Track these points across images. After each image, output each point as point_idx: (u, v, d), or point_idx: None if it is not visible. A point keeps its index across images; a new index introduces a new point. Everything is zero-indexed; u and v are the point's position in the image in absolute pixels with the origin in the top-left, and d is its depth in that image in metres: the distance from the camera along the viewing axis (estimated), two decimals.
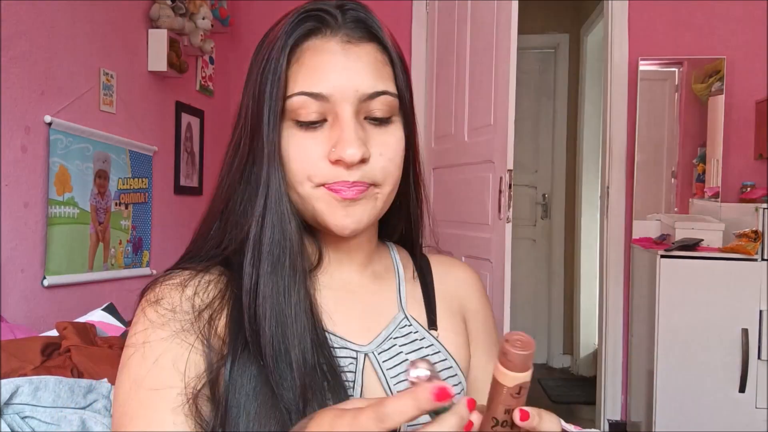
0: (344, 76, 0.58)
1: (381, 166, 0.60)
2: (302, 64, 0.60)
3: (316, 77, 0.58)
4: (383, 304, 0.69)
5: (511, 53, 2.09)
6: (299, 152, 0.59)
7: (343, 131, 0.58)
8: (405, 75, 0.64)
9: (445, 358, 0.67)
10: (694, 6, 2.81)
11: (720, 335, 2.29)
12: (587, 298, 3.93)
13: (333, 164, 0.58)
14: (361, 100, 0.59)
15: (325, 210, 0.60)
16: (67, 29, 1.92)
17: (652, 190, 2.88)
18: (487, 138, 2.30)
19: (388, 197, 0.64)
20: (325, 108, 0.59)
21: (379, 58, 0.61)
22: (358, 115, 0.59)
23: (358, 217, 0.60)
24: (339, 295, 0.66)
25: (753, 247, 2.27)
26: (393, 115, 0.62)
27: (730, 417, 2.28)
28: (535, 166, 4.31)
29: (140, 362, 0.56)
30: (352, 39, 0.60)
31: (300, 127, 0.60)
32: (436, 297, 0.73)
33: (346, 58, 0.59)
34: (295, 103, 0.59)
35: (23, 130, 1.74)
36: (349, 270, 0.68)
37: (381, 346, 0.65)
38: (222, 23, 2.84)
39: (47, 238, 1.81)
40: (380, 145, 0.61)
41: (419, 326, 0.68)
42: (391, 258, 0.74)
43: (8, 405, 1.01)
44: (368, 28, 0.61)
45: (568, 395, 3.57)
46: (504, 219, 2.14)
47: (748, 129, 2.77)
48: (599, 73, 3.61)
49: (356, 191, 0.59)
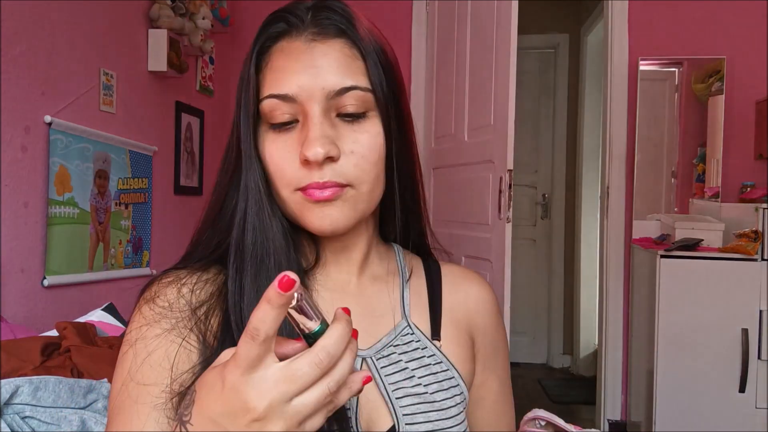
0: (309, 75, 0.58)
1: (353, 163, 0.59)
2: (271, 67, 0.60)
3: (282, 79, 0.58)
4: (383, 309, 0.67)
5: (511, 53, 2.09)
6: (274, 155, 0.59)
7: (309, 130, 0.57)
8: (384, 68, 0.61)
9: (447, 369, 0.66)
10: (694, 6, 2.81)
11: (720, 335, 2.29)
12: (587, 298, 3.93)
13: (302, 165, 0.58)
14: (329, 97, 0.58)
15: (303, 213, 0.60)
16: (67, 29, 1.92)
17: (652, 190, 2.88)
18: (487, 138, 2.30)
19: (368, 197, 0.61)
20: (295, 109, 0.58)
21: (347, 52, 0.59)
22: (328, 113, 0.58)
23: (335, 218, 0.59)
24: (336, 297, 0.66)
25: (753, 247, 2.27)
26: (368, 110, 0.60)
27: (730, 417, 2.28)
28: (535, 166, 4.31)
29: (132, 358, 0.57)
30: (317, 37, 0.59)
31: (274, 130, 0.60)
32: (443, 307, 0.70)
33: (311, 57, 0.58)
34: (266, 107, 0.59)
35: (23, 130, 1.74)
36: (347, 271, 0.67)
37: (380, 352, 0.64)
38: (222, 23, 2.84)
39: (47, 238, 1.81)
40: (352, 142, 0.59)
41: (422, 335, 0.67)
42: (396, 261, 0.72)
43: (8, 405, 1.01)
44: (335, 24, 0.60)
45: (568, 395, 3.57)
46: (504, 219, 2.14)
47: (748, 129, 2.77)
48: (599, 73, 3.61)
49: (329, 192, 0.58)
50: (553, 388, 3.67)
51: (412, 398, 0.62)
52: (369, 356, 0.63)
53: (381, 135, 0.61)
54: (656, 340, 2.35)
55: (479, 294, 0.74)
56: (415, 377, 0.63)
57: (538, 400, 3.47)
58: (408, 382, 0.63)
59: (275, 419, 0.41)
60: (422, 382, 0.63)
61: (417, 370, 0.64)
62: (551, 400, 3.47)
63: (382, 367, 0.63)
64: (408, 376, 0.63)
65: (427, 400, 0.62)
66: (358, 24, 0.61)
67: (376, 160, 0.61)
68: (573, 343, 4.11)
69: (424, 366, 0.64)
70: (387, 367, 0.63)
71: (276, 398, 0.41)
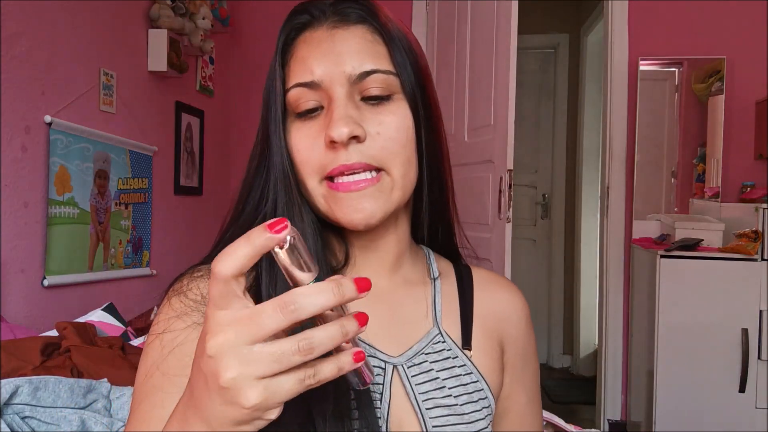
0: (331, 61, 0.58)
1: (381, 145, 0.58)
2: (296, 57, 0.60)
3: (306, 67, 0.59)
4: (415, 315, 0.65)
5: (511, 53, 2.09)
6: (299, 143, 0.59)
7: (332, 112, 0.57)
8: (408, 53, 0.61)
9: (477, 380, 0.64)
10: (694, 6, 2.81)
11: (720, 335, 2.29)
12: (587, 298, 3.93)
13: (328, 149, 0.57)
14: (352, 81, 0.58)
15: (331, 206, 0.59)
16: (67, 29, 1.92)
17: (652, 190, 2.88)
18: (487, 138, 2.30)
19: (403, 182, 0.60)
20: (320, 95, 0.59)
21: (369, 38, 0.60)
22: (351, 97, 0.58)
23: (368, 209, 0.58)
24: (366, 300, 0.62)
25: (753, 247, 2.27)
26: (393, 93, 0.60)
27: (730, 417, 2.28)
28: (535, 166, 4.31)
29: (159, 349, 0.56)
30: (339, 24, 0.60)
31: (300, 118, 0.60)
32: (474, 314, 0.68)
33: (332, 43, 0.59)
34: (292, 96, 0.59)
35: (23, 130, 1.74)
36: (377, 273, 0.65)
37: (412, 360, 0.62)
38: (222, 23, 2.84)
39: (47, 238, 1.81)
40: (377, 123, 0.58)
41: (453, 343, 0.65)
42: (427, 264, 0.70)
43: (8, 405, 1.01)
44: (356, 12, 0.61)
45: (568, 395, 3.57)
46: (504, 219, 2.14)
47: (748, 129, 2.77)
48: (599, 73, 3.61)
49: (364, 184, 0.57)
50: (553, 388, 3.67)
51: (441, 410, 0.60)
52: (400, 364, 0.61)
53: (409, 118, 0.60)
54: (656, 340, 2.35)
55: (511, 301, 0.72)
56: (446, 388, 0.62)
57: None
58: (438, 393, 0.61)
59: (227, 360, 0.36)
60: (452, 393, 0.62)
61: (447, 380, 0.62)
62: (551, 400, 3.47)
63: (413, 376, 0.61)
64: (439, 386, 0.61)
65: (456, 412, 0.61)
66: (380, 12, 0.61)
67: (405, 142, 0.59)
68: (573, 343, 4.11)
69: (454, 376, 0.63)
70: (418, 376, 0.61)
71: (230, 338, 0.37)
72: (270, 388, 0.37)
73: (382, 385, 0.59)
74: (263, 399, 0.37)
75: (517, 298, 0.72)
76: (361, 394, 0.55)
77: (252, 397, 0.37)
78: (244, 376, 0.36)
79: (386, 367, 0.60)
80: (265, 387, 0.37)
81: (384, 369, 0.60)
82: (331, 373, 0.39)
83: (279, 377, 0.37)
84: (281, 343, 0.37)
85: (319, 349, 0.38)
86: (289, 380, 0.37)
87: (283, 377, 0.37)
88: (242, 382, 0.36)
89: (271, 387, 0.37)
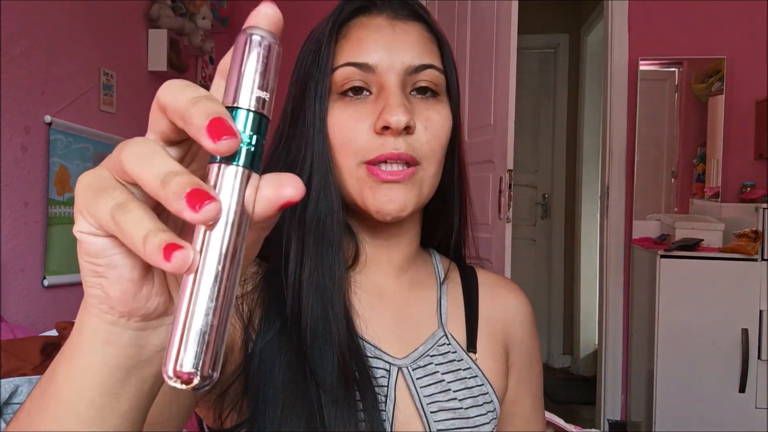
0: (391, 48, 0.58)
1: (425, 140, 0.58)
2: (349, 38, 0.60)
3: (362, 48, 0.58)
4: (420, 316, 0.65)
5: (511, 53, 2.09)
6: (344, 123, 0.58)
7: (389, 98, 0.56)
8: (453, 61, 0.63)
9: (482, 383, 0.63)
10: (694, 6, 2.81)
11: (720, 335, 2.29)
12: (587, 298, 3.93)
13: (378, 134, 0.57)
14: (407, 72, 0.58)
15: (363, 191, 0.58)
16: (67, 29, 1.92)
17: (652, 190, 2.88)
18: (487, 138, 2.30)
19: (432, 181, 0.60)
20: (370, 79, 0.58)
21: (426, 35, 0.61)
22: (404, 88, 0.58)
23: (402, 201, 0.57)
24: (372, 300, 0.63)
25: (753, 247, 2.27)
26: (440, 93, 0.61)
27: (730, 417, 2.28)
28: (535, 166, 4.31)
29: None
30: (399, 16, 0.61)
31: (345, 98, 0.59)
32: (480, 317, 0.68)
33: (393, 32, 0.59)
34: (340, 75, 0.58)
35: (23, 130, 1.74)
36: (385, 273, 0.65)
37: (417, 362, 0.61)
38: (222, 23, 2.84)
39: (47, 238, 1.81)
40: (425, 119, 0.59)
41: (458, 346, 0.64)
42: (433, 266, 0.70)
43: (8, 405, 1.01)
44: (414, 9, 0.62)
45: (568, 395, 3.57)
46: (504, 219, 2.14)
47: (748, 129, 2.77)
48: (599, 73, 3.61)
49: (401, 175, 0.57)
50: (553, 388, 3.67)
51: (446, 413, 0.60)
52: (405, 366, 0.61)
53: (450, 120, 0.61)
54: (656, 340, 2.35)
55: (517, 304, 0.71)
56: (451, 391, 0.61)
57: None
58: (443, 396, 0.61)
59: None
60: (457, 396, 0.61)
61: (452, 384, 0.62)
62: (551, 400, 3.47)
63: (417, 378, 0.60)
64: (444, 389, 0.61)
65: (461, 416, 0.61)
66: (431, 15, 0.63)
67: (444, 143, 0.60)
68: (573, 343, 4.11)
69: (459, 379, 0.62)
70: (423, 378, 0.61)
71: None
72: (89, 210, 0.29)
73: (386, 387, 0.58)
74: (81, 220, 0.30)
75: (522, 301, 0.72)
76: (366, 395, 0.54)
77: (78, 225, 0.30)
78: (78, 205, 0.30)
79: (391, 369, 0.60)
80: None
81: (389, 371, 0.59)
82: (133, 223, 0.28)
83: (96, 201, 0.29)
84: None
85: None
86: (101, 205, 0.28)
87: (101, 201, 0.28)
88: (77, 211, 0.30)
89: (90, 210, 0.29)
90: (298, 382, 0.53)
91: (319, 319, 0.55)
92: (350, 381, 0.54)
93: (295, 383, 0.53)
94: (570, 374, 4.07)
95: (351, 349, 0.56)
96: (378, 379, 0.58)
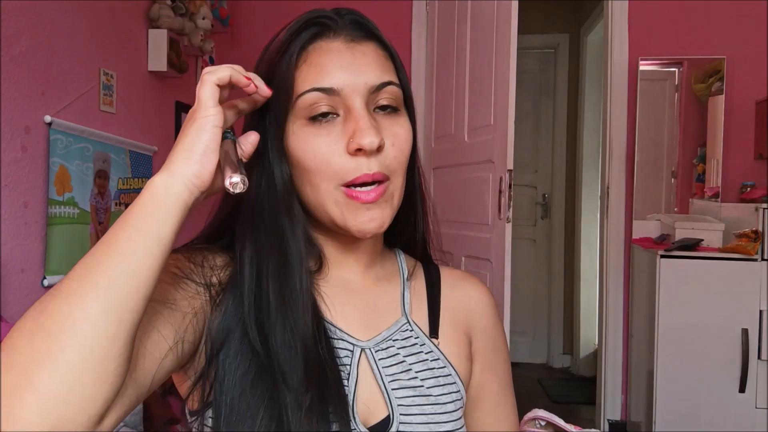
0: (353, 71, 0.61)
1: (393, 155, 0.62)
2: (310, 63, 0.62)
3: (326, 73, 0.61)
4: (386, 307, 0.69)
5: (511, 53, 2.09)
6: (317, 148, 0.61)
7: (359, 121, 0.59)
8: (404, 71, 0.67)
9: (444, 366, 0.67)
10: (694, 6, 2.81)
11: (720, 335, 2.29)
12: (587, 298, 3.93)
13: (352, 156, 0.60)
14: (370, 91, 0.61)
15: (344, 214, 0.61)
16: (67, 29, 1.92)
17: (652, 190, 2.88)
18: (487, 138, 2.30)
19: (401, 191, 0.65)
20: (336, 102, 0.61)
21: (381, 53, 0.64)
22: (368, 107, 0.62)
23: (380, 219, 0.62)
24: (339, 293, 0.67)
25: (753, 247, 2.27)
26: (399, 107, 0.65)
27: (730, 417, 2.28)
28: (535, 166, 4.31)
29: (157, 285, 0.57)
30: (355, 38, 0.64)
31: (313, 123, 0.61)
32: (441, 307, 0.72)
33: (352, 55, 0.62)
34: (307, 100, 0.61)
35: (23, 130, 1.74)
36: (352, 271, 0.70)
37: (379, 344, 0.66)
38: (222, 23, 2.84)
39: (47, 238, 1.81)
40: (391, 135, 0.62)
41: (420, 332, 0.69)
42: (397, 263, 0.75)
43: None
44: (367, 29, 0.65)
45: (568, 395, 3.57)
46: (504, 219, 2.13)
47: (748, 129, 2.77)
48: (599, 73, 3.61)
49: (374, 195, 0.61)
50: (553, 388, 3.67)
51: (407, 390, 0.63)
52: (368, 347, 0.65)
53: (410, 131, 0.65)
54: (656, 340, 2.35)
55: (478, 296, 0.76)
56: (412, 371, 0.65)
57: (538, 400, 3.47)
58: (405, 375, 0.64)
59: None
60: (419, 376, 0.65)
61: (415, 365, 0.66)
62: (551, 400, 3.47)
63: (380, 359, 0.65)
64: (405, 369, 0.65)
65: (422, 393, 0.64)
66: (379, 31, 0.66)
67: (408, 154, 0.65)
68: (573, 343, 4.11)
69: (421, 361, 0.66)
70: (385, 359, 0.65)
71: None
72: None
73: (350, 366, 0.62)
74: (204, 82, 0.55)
75: (483, 292, 0.76)
76: (328, 374, 0.58)
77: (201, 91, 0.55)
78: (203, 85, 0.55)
79: (354, 349, 0.64)
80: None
81: (352, 351, 0.64)
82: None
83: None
84: None
85: None
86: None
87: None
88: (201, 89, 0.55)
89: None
90: (263, 372, 0.57)
91: (285, 300, 0.60)
92: (314, 361, 0.58)
93: (259, 373, 0.57)
94: (570, 374, 4.07)
95: (316, 331, 0.60)
96: (342, 359, 0.62)
